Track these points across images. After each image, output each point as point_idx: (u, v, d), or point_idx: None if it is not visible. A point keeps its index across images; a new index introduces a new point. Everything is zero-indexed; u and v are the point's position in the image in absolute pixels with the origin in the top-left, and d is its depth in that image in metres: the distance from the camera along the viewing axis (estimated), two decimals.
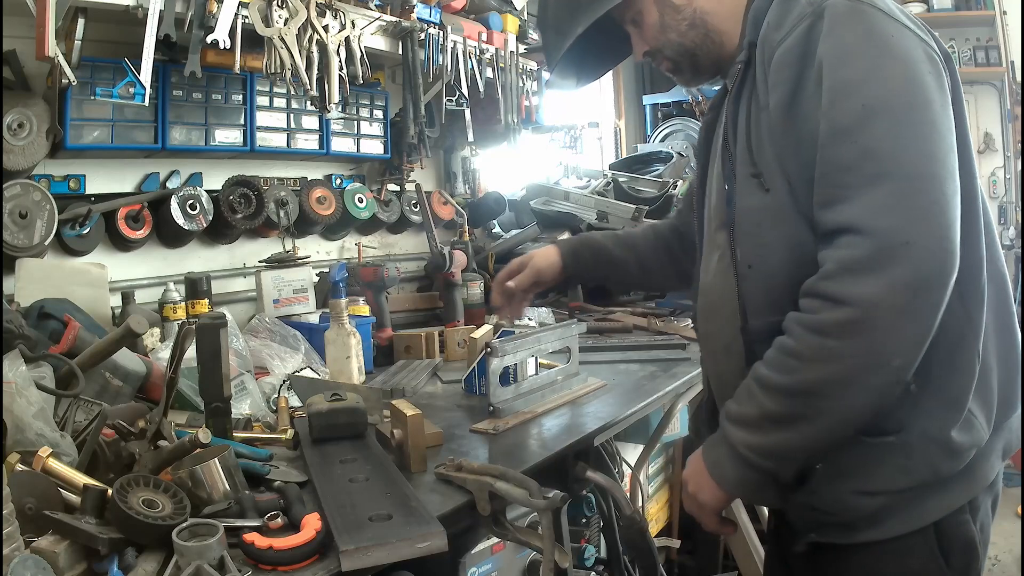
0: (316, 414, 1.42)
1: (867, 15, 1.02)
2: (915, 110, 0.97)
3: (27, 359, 1.29)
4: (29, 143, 1.80)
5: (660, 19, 1.26)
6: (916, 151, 0.96)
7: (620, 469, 2.23)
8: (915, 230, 0.93)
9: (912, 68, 1.00)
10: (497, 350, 1.63)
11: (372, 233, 2.81)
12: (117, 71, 1.85)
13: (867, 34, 1.01)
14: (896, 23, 1.02)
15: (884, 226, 0.94)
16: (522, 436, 1.56)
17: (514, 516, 1.37)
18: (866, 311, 0.95)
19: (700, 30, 1.24)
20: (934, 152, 0.96)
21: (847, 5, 1.02)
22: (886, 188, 0.95)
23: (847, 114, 0.98)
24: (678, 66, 1.31)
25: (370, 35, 2.29)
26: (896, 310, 0.94)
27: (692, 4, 1.24)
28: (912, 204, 0.94)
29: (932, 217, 0.94)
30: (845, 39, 1.01)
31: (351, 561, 0.96)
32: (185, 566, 0.91)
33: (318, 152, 2.46)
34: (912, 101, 0.98)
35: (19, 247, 1.79)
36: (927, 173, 0.95)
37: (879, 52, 1.00)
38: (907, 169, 0.95)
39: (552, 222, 3.11)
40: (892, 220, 0.94)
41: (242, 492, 1.14)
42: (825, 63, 1.01)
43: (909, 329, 0.95)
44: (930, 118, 0.98)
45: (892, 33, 1.01)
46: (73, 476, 1.09)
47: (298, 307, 2.25)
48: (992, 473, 1.13)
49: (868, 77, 0.99)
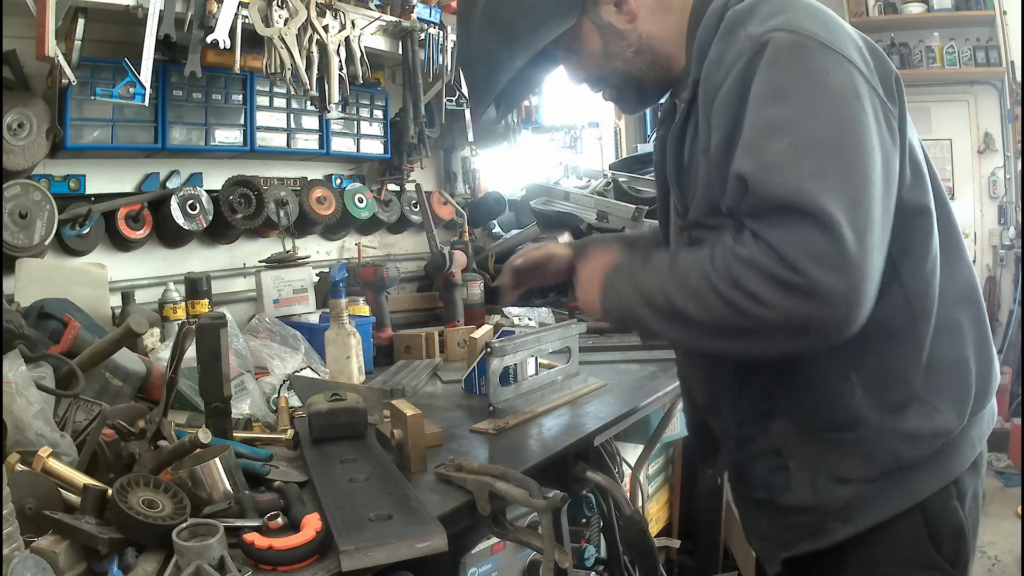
0: (316, 414, 1.42)
1: (806, 50, 0.98)
2: (845, 151, 0.95)
3: (27, 359, 1.29)
4: (29, 143, 1.80)
5: (603, 47, 1.20)
6: (836, 190, 0.93)
7: (620, 469, 2.23)
8: (829, 275, 0.91)
9: (846, 106, 0.97)
10: (497, 350, 1.63)
11: (372, 233, 2.81)
12: (117, 71, 1.85)
13: (802, 72, 0.98)
14: (835, 55, 0.99)
15: (804, 266, 0.92)
16: (522, 436, 1.56)
17: (514, 516, 1.36)
18: (759, 321, 0.96)
19: (647, 56, 1.20)
20: (858, 194, 0.94)
21: (787, 39, 0.98)
22: (803, 227, 0.92)
23: (775, 153, 0.95)
24: (623, 94, 1.27)
25: (370, 35, 2.29)
26: (778, 336, 0.96)
27: (637, 29, 1.18)
28: (830, 247, 0.91)
29: (846, 261, 0.91)
30: (779, 76, 0.98)
31: (351, 561, 0.96)
32: (185, 566, 0.91)
33: (318, 152, 2.46)
34: (841, 143, 0.95)
35: (19, 247, 1.79)
36: (843, 216, 0.92)
37: (813, 90, 0.97)
38: (827, 210, 0.91)
39: (552, 222, 3.10)
40: (810, 262, 0.92)
41: (242, 492, 1.14)
42: (753, 98, 0.98)
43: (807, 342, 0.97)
44: (858, 157, 0.95)
45: (829, 69, 0.98)
46: (73, 476, 1.09)
47: (298, 307, 2.25)
48: (968, 458, 1.14)
49: (798, 116, 0.96)
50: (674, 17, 1.19)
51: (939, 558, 1.10)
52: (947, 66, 4.79)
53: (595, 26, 1.19)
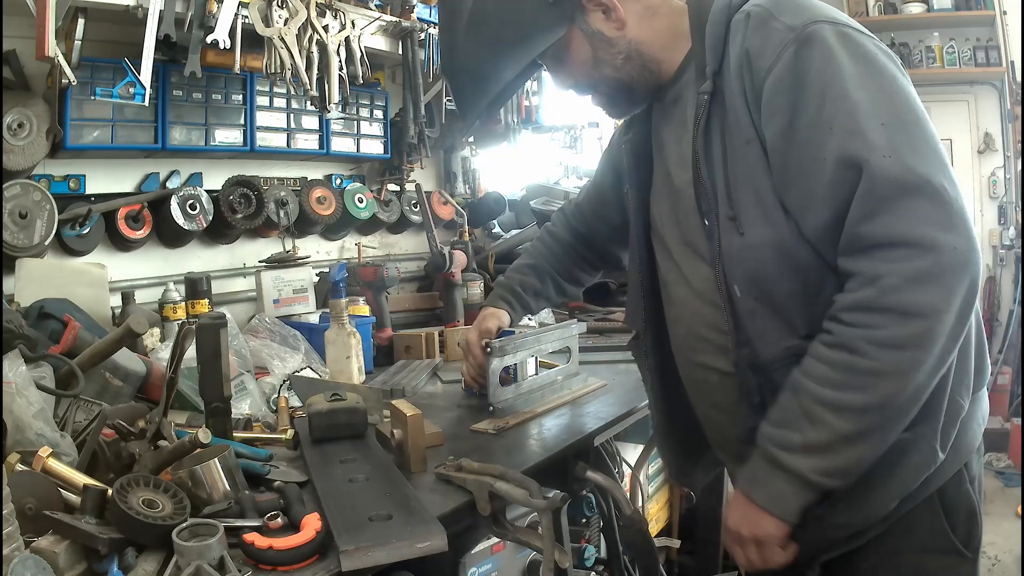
0: (316, 414, 1.42)
1: (854, 39, 1.03)
2: (920, 124, 1.00)
3: (27, 359, 1.29)
4: (29, 143, 1.80)
5: (593, 54, 1.20)
6: (932, 162, 0.97)
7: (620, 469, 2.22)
8: (955, 237, 0.95)
9: (903, 85, 1.03)
10: (497, 350, 1.63)
11: (372, 233, 2.80)
12: (117, 71, 1.85)
13: (861, 57, 1.02)
14: (873, 42, 1.04)
15: (933, 237, 0.95)
16: (522, 436, 1.56)
17: (514, 516, 1.37)
18: (936, 319, 0.95)
19: (636, 62, 1.20)
20: (944, 160, 0.99)
21: (834, 30, 1.03)
22: (920, 200, 0.95)
23: (875, 134, 0.98)
24: (613, 100, 1.27)
25: (370, 35, 2.29)
26: (956, 315, 0.96)
27: (626, 36, 1.18)
28: (946, 213, 0.95)
29: (962, 222, 0.96)
30: (845, 63, 1.01)
31: (351, 561, 0.96)
32: (185, 566, 0.91)
33: (318, 152, 2.46)
34: (917, 117, 1.01)
35: (19, 247, 1.79)
36: (946, 183, 0.96)
37: (876, 72, 1.02)
38: (933, 181, 0.96)
39: None
40: (938, 231, 0.95)
41: (242, 492, 1.14)
42: (826, 85, 1.01)
43: (960, 328, 0.98)
44: (930, 128, 1.01)
45: (876, 53, 1.03)
46: (73, 476, 1.09)
47: (298, 307, 2.25)
48: (976, 438, 1.17)
49: (877, 98, 1.00)
50: (662, 21, 1.20)
51: (955, 540, 1.12)
52: (947, 66, 4.79)
53: (584, 34, 1.19)
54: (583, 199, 1.68)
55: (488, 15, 1.18)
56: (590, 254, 1.67)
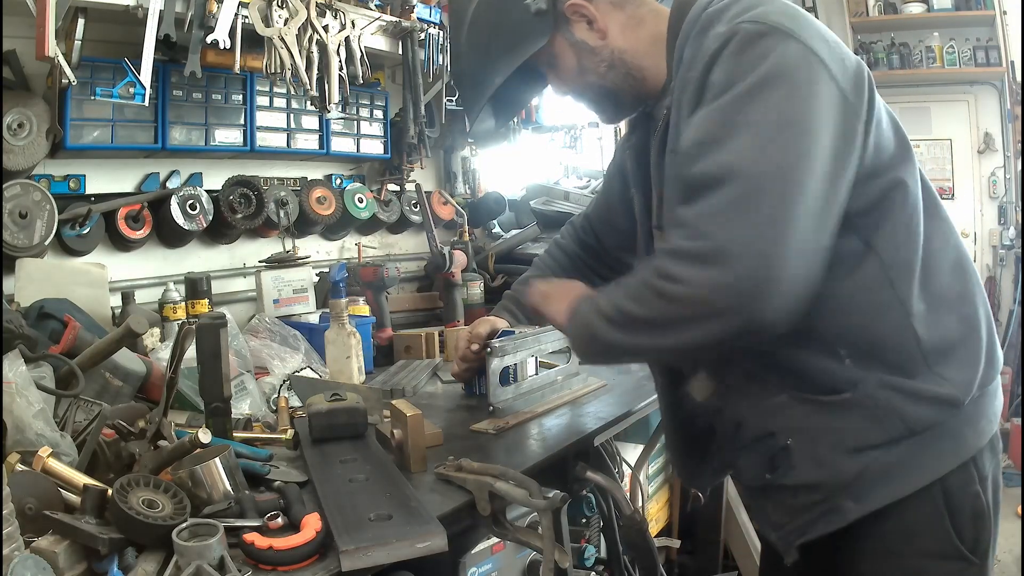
0: (316, 414, 1.42)
1: (766, 38, 1.01)
2: (782, 129, 0.98)
3: (27, 359, 1.29)
4: (29, 143, 1.80)
5: (577, 63, 1.26)
6: (765, 164, 0.97)
7: (620, 469, 2.22)
8: (740, 239, 0.96)
9: (796, 89, 1.00)
10: (497, 350, 1.63)
11: (372, 233, 2.80)
12: (117, 71, 1.85)
13: (759, 56, 1.01)
14: (796, 43, 1.01)
15: (715, 231, 0.98)
16: (522, 436, 1.56)
17: (514, 516, 1.36)
18: (689, 289, 1.00)
19: (620, 70, 1.24)
20: (785, 169, 0.97)
21: (752, 29, 1.02)
22: (727, 195, 0.97)
23: (711, 132, 1.01)
24: (600, 106, 1.32)
25: (370, 35, 2.29)
26: (713, 306, 0.98)
27: (609, 45, 1.23)
28: (747, 214, 0.96)
29: (765, 229, 0.95)
30: (735, 63, 1.02)
31: (351, 561, 0.96)
32: (185, 566, 0.91)
33: (318, 152, 2.46)
34: (783, 120, 0.99)
35: (19, 247, 1.79)
36: (778, 189, 0.96)
37: (765, 72, 1.00)
38: (757, 183, 0.97)
39: (552, 222, 3.10)
40: (722, 226, 0.97)
41: (242, 492, 1.14)
42: (710, 87, 1.03)
43: (731, 319, 0.98)
44: (795, 139, 0.98)
45: (786, 54, 1.01)
46: (73, 476, 1.09)
47: (298, 307, 2.25)
48: (985, 434, 1.12)
49: (745, 97, 1.00)
50: (647, 30, 1.23)
51: (960, 545, 1.08)
52: (947, 66, 4.79)
53: (568, 44, 1.25)
54: (592, 210, 1.71)
55: (483, 24, 1.28)
56: (599, 266, 1.68)
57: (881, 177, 1.08)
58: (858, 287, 1.07)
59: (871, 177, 1.07)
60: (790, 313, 0.98)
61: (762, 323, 0.97)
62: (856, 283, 1.06)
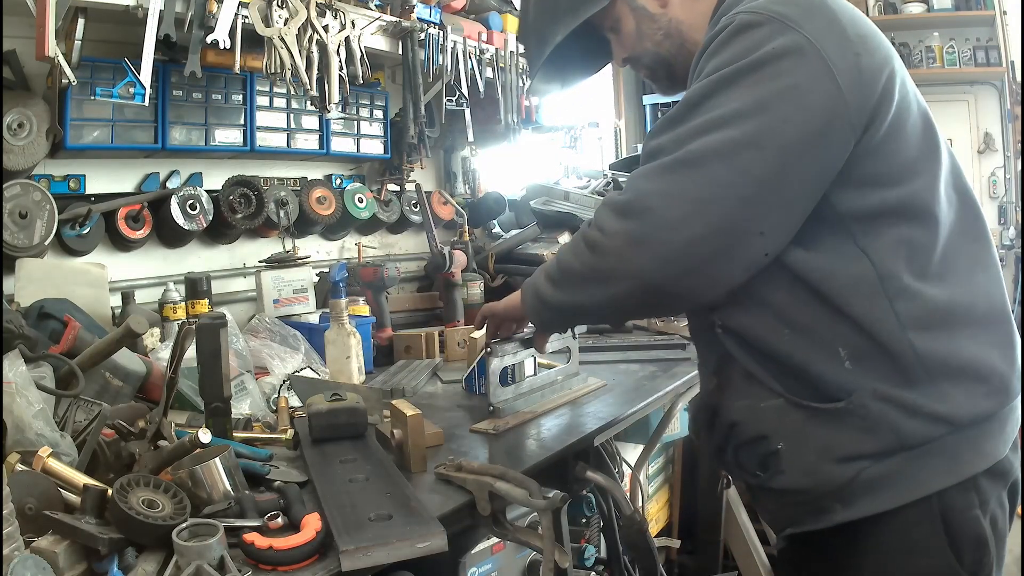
0: (316, 414, 1.42)
1: (756, 29, 1.03)
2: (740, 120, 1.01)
3: (27, 359, 1.29)
4: (29, 143, 1.80)
5: (637, 28, 1.30)
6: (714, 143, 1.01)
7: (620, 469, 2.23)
8: (661, 199, 1.03)
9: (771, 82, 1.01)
10: (497, 350, 1.63)
11: (372, 233, 2.80)
12: (117, 71, 1.85)
13: (741, 49, 1.03)
14: (793, 33, 1.01)
15: (642, 186, 1.06)
16: (522, 436, 1.56)
17: (514, 516, 1.37)
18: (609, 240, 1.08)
19: (675, 40, 1.28)
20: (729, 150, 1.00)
21: (746, 20, 1.05)
22: (666, 161, 1.04)
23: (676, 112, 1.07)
24: (655, 74, 1.35)
25: (370, 35, 2.29)
26: (622, 256, 1.06)
27: (668, 14, 1.27)
28: (677, 179, 1.02)
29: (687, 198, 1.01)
30: (719, 55, 1.05)
31: (351, 561, 0.96)
32: (185, 566, 0.91)
33: (318, 152, 2.46)
34: (745, 112, 1.01)
35: (19, 247, 1.78)
36: (714, 166, 1.00)
37: (745, 67, 1.02)
38: (697, 157, 1.02)
39: (552, 222, 3.10)
40: (650, 184, 1.05)
41: (242, 492, 1.14)
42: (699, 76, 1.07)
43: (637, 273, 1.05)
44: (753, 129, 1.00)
45: (773, 48, 1.01)
46: (73, 476, 1.09)
47: (298, 307, 2.25)
48: (989, 458, 1.07)
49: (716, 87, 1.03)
50: (704, 6, 1.25)
51: (960, 569, 1.05)
52: (947, 66, 4.79)
53: (630, 8, 1.29)
54: None
55: None
56: None
57: (887, 188, 1.06)
58: (852, 290, 1.06)
59: (873, 185, 1.06)
60: (696, 284, 1.05)
61: (654, 285, 1.04)
62: (850, 285, 1.06)
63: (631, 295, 1.09)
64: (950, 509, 1.05)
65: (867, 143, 1.05)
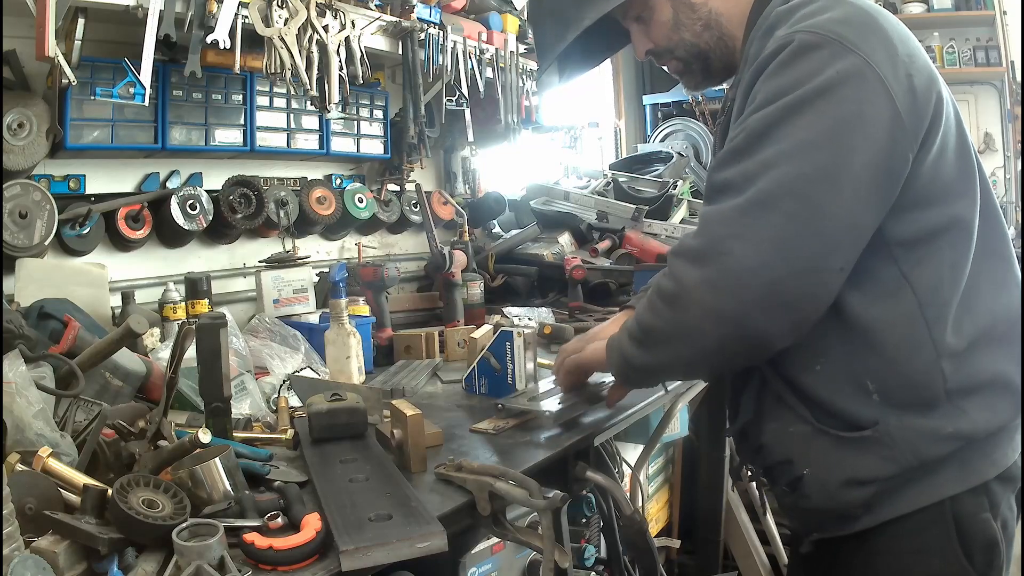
0: (316, 414, 1.41)
1: (818, 51, 0.99)
2: (819, 148, 0.98)
3: (27, 359, 1.29)
4: (29, 143, 1.80)
5: (674, 17, 1.23)
6: (783, 180, 0.97)
7: (620, 469, 2.23)
8: (739, 243, 0.98)
9: (838, 111, 0.98)
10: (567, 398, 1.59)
11: (372, 233, 2.81)
12: (117, 71, 1.85)
13: (806, 73, 0.99)
14: (856, 57, 0.99)
15: (717, 230, 1.01)
16: (522, 436, 1.56)
17: (514, 516, 1.36)
18: (688, 291, 1.03)
19: (715, 32, 1.22)
20: (802, 189, 0.97)
21: (806, 40, 1.00)
22: (740, 201, 0.99)
23: (740, 141, 1.02)
24: (688, 67, 1.28)
25: (370, 35, 2.29)
26: (703, 305, 1.01)
27: (708, 4, 1.21)
28: (754, 222, 0.98)
29: (765, 242, 0.97)
30: (783, 78, 1.00)
31: (351, 561, 0.96)
32: (185, 566, 0.91)
33: (318, 152, 2.46)
34: (814, 143, 0.98)
35: (19, 247, 1.79)
36: (791, 206, 0.97)
37: (811, 94, 0.98)
38: (772, 196, 0.97)
39: (552, 222, 3.11)
40: (725, 228, 1.00)
41: (242, 492, 1.13)
42: (758, 95, 1.02)
43: (713, 322, 1.01)
44: (821, 163, 0.97)
45: (837, 73, 0.98)
46: (73, 476, 1.09)
47: (298, 307, 2.25)
48: (999, 465, 1.09)
49: (782, 118, 0.99)
50: (744, 1, 1.20)
51: (971, 569, 1.07)
52: (947, 66, 4.79)
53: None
54: None
55: None
56: None
57: (932, 210, 1.05)
58: (891, 320, 1.05)
59: (920, 207, 1.05)
60: (783, 327, 0.99)
61: (740, 331, 0.99)
62: (889, 315, 1.05)
63: (720, 346, 1.04)
64: (962, 513, 1.07)
65: (916, 167, 1.03)
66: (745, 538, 2.73)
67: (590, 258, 2.90)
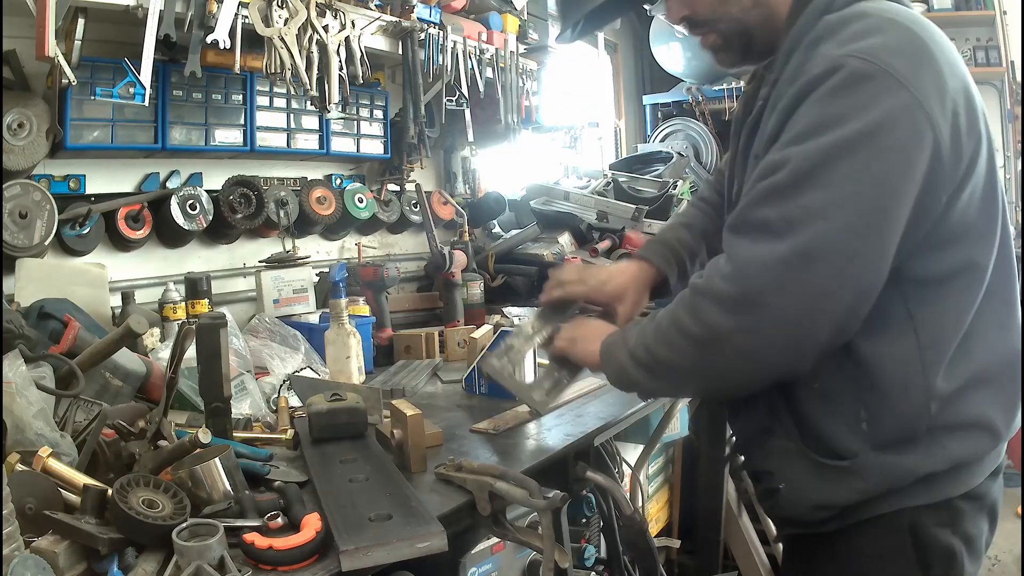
0: (316, 414, 1.42)
1: (871, 82, 0.95)
2: (867, 199, 0.96)
3: (27, 359, 1.29)
4: (29, 143, 1.80)
5: None
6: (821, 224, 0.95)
7: (620, 469, 2.23)
8: (779, 297, 0.97)
9: (885, 153, 0.95)
10: None
11: (372, 233, 2.81)
12: (117, 71, 1.85)
13: (858, 106, 0.95)
14: (904, 92, 0.95)
15: (757, 280, 0.98)
16: (522, 436, 1.56)
17: (514, 516, 1.37)
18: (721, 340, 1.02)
19: (764, 10, 1.14)
20: (860, 247, 0.96)
21: (859, 68, 0.96)
22: (782, 250, 0.97)
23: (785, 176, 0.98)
24: (728, 43, 1.20)
25: (370, 35, 2.29)
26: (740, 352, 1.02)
27: None
28: (796, 275, 0.96)
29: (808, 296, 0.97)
30: (833, 106, 0.97)
31: (351, 561, 0.96)
32: (185, 566, 0.91)
33: (318, 152, 2.46)
34: (858, 187, 0.95)
35: (19, 247, 1.79)
36: (836, 261, 0.96)
37: (859, 127, 0.94)
38: (817, 248, 0.95)
39: (552, 222, 3.10)
40: (766, 278, 0.98)
41: (242, 492, 1.14)
42: (803, 118, 0.98)
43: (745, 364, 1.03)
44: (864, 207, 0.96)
45: (887, 108, 0.95)
46: (73, 476, 1.09)
47: (298, 307, 2.25)
48: (964, 485, 1.09)
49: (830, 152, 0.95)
50: None
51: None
52: None
53: None
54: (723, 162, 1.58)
55: None
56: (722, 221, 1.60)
57: (950, 251, 1.04)
58: (888, 356, 1.05)
59: (938, 248, 1.03)
60: (809, 363, 1.02)
61: (774, 372, 1.04)
62: (888, 351, 1.04)
63: (745, 383, 1.10)
64: (919, 523, 1.08)
65: (947, 209, 1.02)
66: (745, 538, 2.72)
67: (590, 258, 2.90)
